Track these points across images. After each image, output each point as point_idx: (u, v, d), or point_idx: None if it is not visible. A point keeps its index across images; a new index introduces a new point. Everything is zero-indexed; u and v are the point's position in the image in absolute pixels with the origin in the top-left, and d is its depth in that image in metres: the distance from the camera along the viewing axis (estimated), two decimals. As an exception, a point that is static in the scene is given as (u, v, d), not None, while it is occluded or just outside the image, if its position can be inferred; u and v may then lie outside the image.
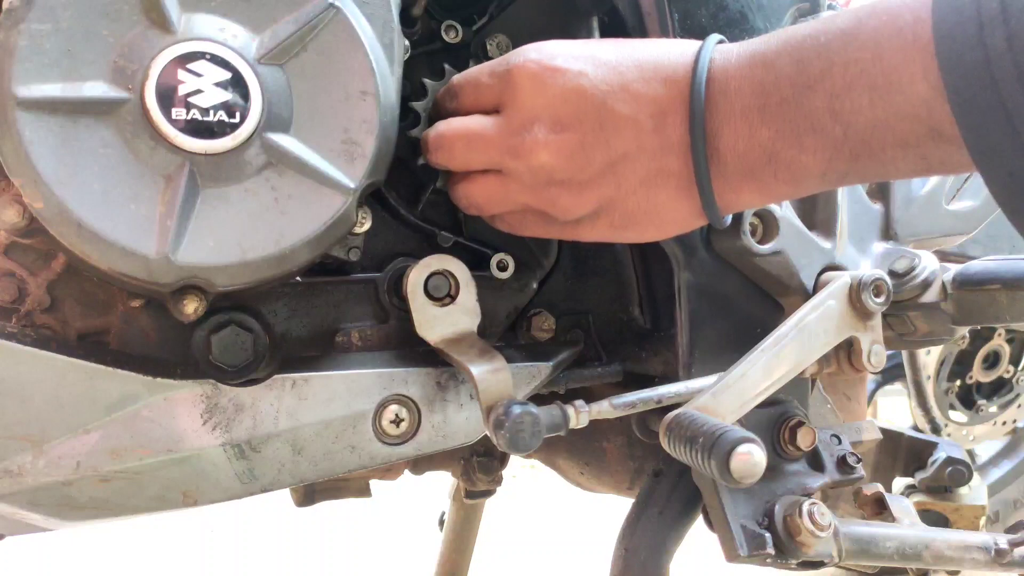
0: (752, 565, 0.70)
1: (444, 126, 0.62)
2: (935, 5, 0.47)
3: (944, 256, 0.87)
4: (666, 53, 0.57)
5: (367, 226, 0.62)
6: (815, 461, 0.73)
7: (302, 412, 0.61)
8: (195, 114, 0.51)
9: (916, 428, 1.45)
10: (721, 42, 0.58)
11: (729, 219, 0.65)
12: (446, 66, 0.69)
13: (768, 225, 0.68)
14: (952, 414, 1.47)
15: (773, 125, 0.53)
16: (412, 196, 0.71)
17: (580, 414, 0.59)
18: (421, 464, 1.00)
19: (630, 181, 0.57)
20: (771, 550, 0.66)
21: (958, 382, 1.46)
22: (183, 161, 0.52)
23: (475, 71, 0.63)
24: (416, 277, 0.63)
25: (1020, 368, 1.48)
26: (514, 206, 0.62)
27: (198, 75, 0.51)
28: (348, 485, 0.98)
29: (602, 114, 0.56)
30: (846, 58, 0.50)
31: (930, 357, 1.43)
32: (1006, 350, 1.46)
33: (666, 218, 0.59)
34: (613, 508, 0.99)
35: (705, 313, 0.70)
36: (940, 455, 0.96)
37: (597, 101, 0.56)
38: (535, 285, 0.74)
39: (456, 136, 0.61)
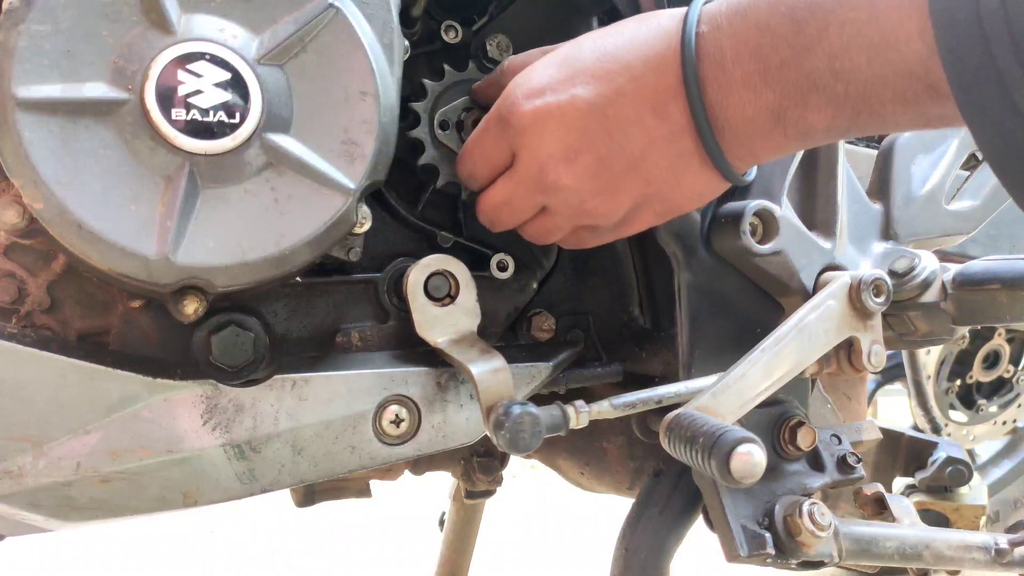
0: (752, 565, 0.69)
1: (485, 204, 0.65)
2: None
3: (944, 256, 0.87)
4: (650, 39, 0.57)
5: (367, 226, 0.62)
6: (815, 461, 0.73)
7: (302, 412, 0.61)
8: (195, 115, 0.51)
9: (916, 428, 1.45)
10: (706, 2, 0.57)
11: (753, 171, 0.66)
12: (446, 66, 0.69)
13: (768, 225, 0.68)
14: (952, 414, 1.47)
15: (777, 87, 0.53)
16: (412, 196, 0.71)
17: (580, 414, 0.59)
18: (421, 464, 1.00)
19: (656, 172, 0.58)
20: (771, 550, 0.66)
21: (958, 382, 1.47)
22: (183, 162, 0.51)
23: (474, 139, 0.64)
24: (416, 277, 0.63)
25: (1020, 368, 1.49)
26: (567, 231, 0.65)
27: (198, 76, 0.51)
28: (348, 485, 0.98)
29: (606, 125, 0.57)
30: (842, 18, 0.50)
31: (930, 357, 1.43)
32: (1006, 350, 1.46)
33: (698, 190, 0.61)
34: (613, 508, 0.99)
35: (705, 313, 0.70)
36: (940, 455, 0.96)
37: (598, 115, 0.57)
38: (535, 285, 0.74)
39: (499, 207, 0.64)
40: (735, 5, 0.55)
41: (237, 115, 0.52)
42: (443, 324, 0.63)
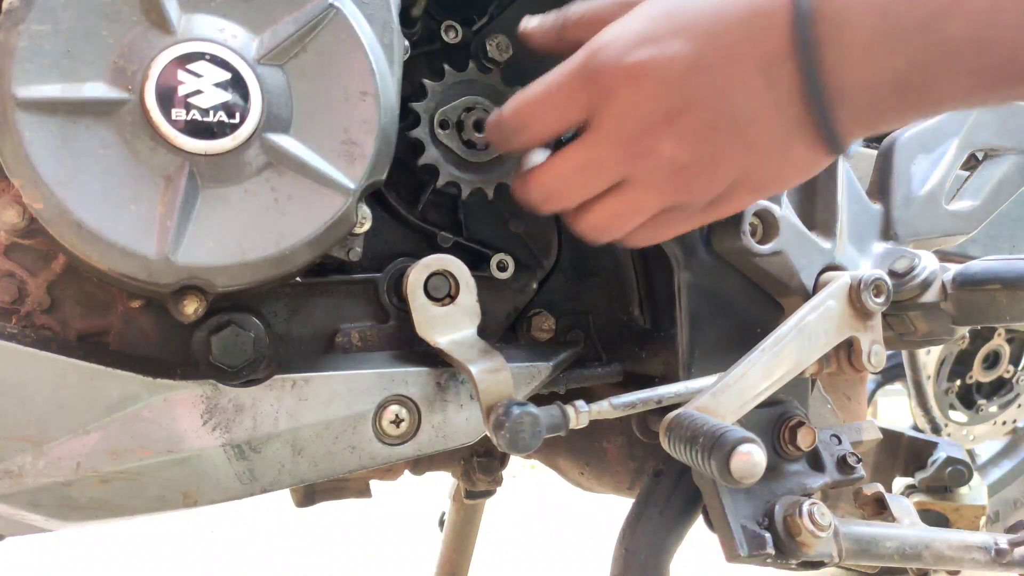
0: (752, 565, 0.70)
1: (548, 172, 0.57)
2: None
3: (944, 256, 0.87)
4: None
5: (367, 226, 0.62)
6: (815, 461, 0.73)
7: (302, 413, 0.61)
8: (195, 115, 0.51)
9: (916, 428, 1.45)
10: None
11: (856, 145, 0.61)
12: (446, 66, 0.69)
13: (768, 225, 0.68)
14: (952, 414, 1.47)
15: (905, 54, 0.47)
16: (412, 196, 0.71)
17: (580, 414, 0.59)
18: (421, 464, 1.00)
19: (762, 142, 0.53)
20: (771, 550, 0.66)
21: (958, 382, 1.47)
22: (183, 162, 0.51)
23: (543, 90, 0.56)
24: (416, 277, 0.63)
25: (1020, 368, 1.49)
26: (646, 215, 0.58)
27: (198, 76, 0.51)
28: (348, 485, 0.98)
29: (711, 85, 0.51)
30: None
31: (930, 357, 1.43)
32: (1006, 350, 1.46)
33: (804, 164, 0.56)
34: (613, 508, 0.99)
35: (705, 313, 0.70)
36: (940, 455, 0.96)
37: (702, 75, 0.51)
38: (535, 285, 0.74)
39: (570, 174, 0.56)
40: None
41: (237, 115, 0.52)
42: (443, 324, 0.63)
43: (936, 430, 1.45)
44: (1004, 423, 1.50)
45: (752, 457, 0.50)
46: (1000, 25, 0.45)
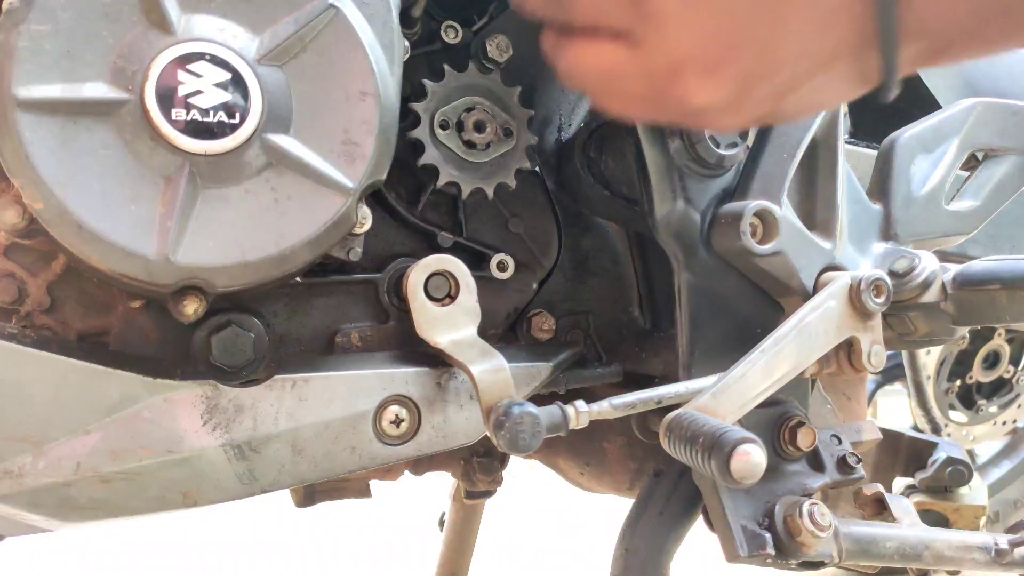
0: (752, 565, 0.69)
1: (573, 56, 0.52)
2: None
3: (944, 256, 0.87)
4: None
5: (367, 226, 0.62)
6: (815, 461, 0.73)
7: (302, 413, 0.61)
8: (195, 115, 0.51)
9: (916, 428, 1.45)
10: None
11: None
12: (446, 66, 0.69)
13: (768, 225, 0.68)
14: (952, 414, 1.47)
15: (968, 4, 0.46)
16: (412, 196, 0.71)
17: (580, 414, 0.59)
18: (421, 464, 1.00)
19: (796, 92, 0.50)
20: (771, 550, 0.66)
21: (958, 382, 1.47)
22: (183, 162, 0.52)
23: None
24: (416, 277, 0.62)
25: (1020, 368, 1.49)
26: (664, 120, 0.55)
27: (198, 76, 0.51)
28: (348, 486, 0.98)
29: (760, 35, 0.47)
30: None
31: (930, 357, 1.43)
32: (1006, 350, 1.46)
33: (827, 102, 0.54)
34: (613, 508, 0.99)
35: (705, 313, 0.70)
36: (940, 455, 0.96)
37: (750, 21, 0.47)
38: (535, 285, 0.75)
39: (589, 71, 0.52)
40: None
41: (237, 115, 0.52)
42: (443, 324, 0.63)
43: (936, 430, 1.45)
44: (1004, 423, 1.50)
45: (752, 457, 0.50)
46: None
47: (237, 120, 0.52)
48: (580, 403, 0.59)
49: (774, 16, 0.47)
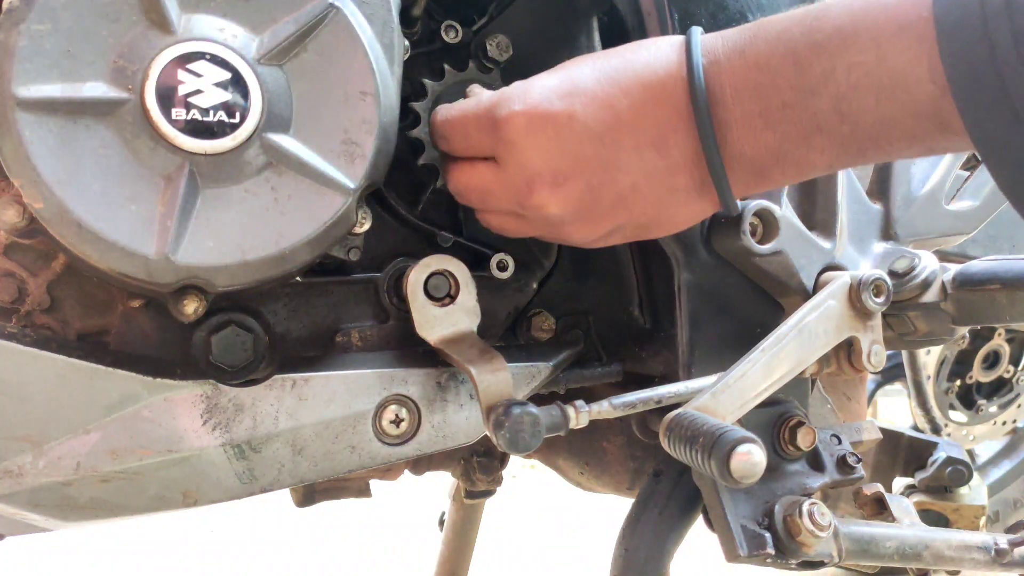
0: (752, 565, 0.69)
1: (456, 178, 0.62)
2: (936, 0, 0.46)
3: (944, 256, 0.87)
4: (651, 64, 0.55)
5: (367, 226, 0.62)
6: (815, 461, 0.73)
7: (302, 412, 0.61)
8: (195, 114, 0.51)
9: (916, 428, 1.45)
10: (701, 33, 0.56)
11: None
12: (446, 66, 0.69)
13: (768, 225, 0.68)
14: (952, 414, 1.47)
15: (778, 128, 0.52)
16: (412, 196, 0.71)
17: (580, 414, 0.59)
18: (421, 464, 1.00)
19: (643, 205, 0.57)
20: (771, 550, 0.66)
21: (958, 382, 1.47)
22: (183, 161, 0.52)
23: (460, 118, 0.61)
24: (416, 277, 0.62)
25: (1020, 368, 1.49)
26: (536, 235, 0.64)
27: (198, 75, 0.51)
28: (348, 485, 0.98)
29: (602, 154, 0.55)
30: (848, 61, 0.49)
31: (930, 357, 1.43)
32: (1006, 350, 1.46)
33: (680, 221, 0.60)
34: (613, 508, 0.99)
35: (705, 313, 0.70)
36: (940, 455, 0.96)
37: (594, 141, 0.54)
38: (535, 285, 0.74)
39: (469, 190, 0.62)
40: (733, 41, 0.53)
41: (237, 115, 0.52)
42: (443, 324, 0.63)
43: (936, 430, 1.45)
44: (1004, 423, 1.50)
45: (752, 457, 0.50)
46: (860, 100, 0.49)
47: (237, 119, 0.52)
48: (580, 403, 0.59)
49: (612, 137, 0.54)
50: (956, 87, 0.45)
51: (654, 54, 0.56)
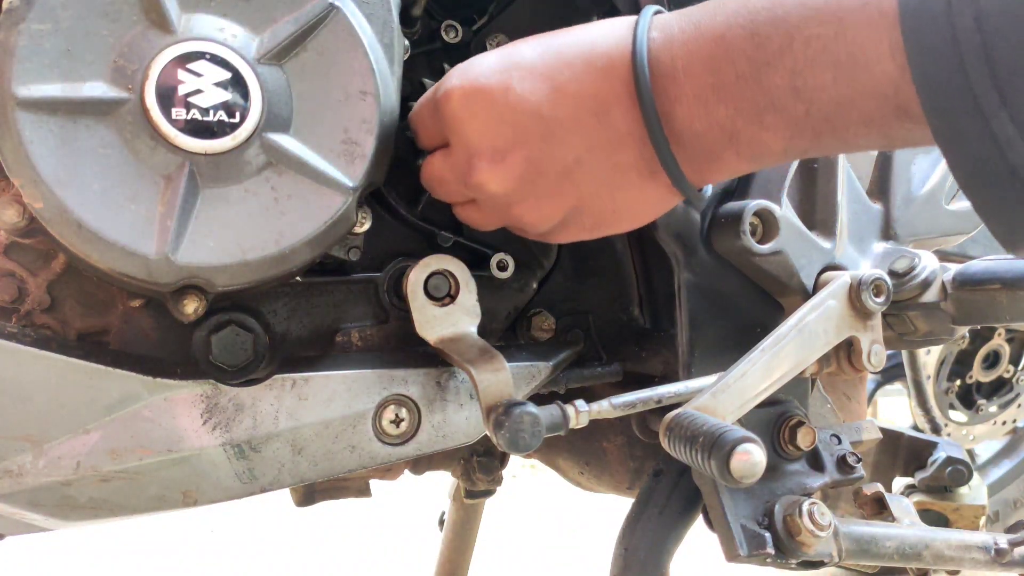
0: (752, 565, 0.69)
1: (424, 172, 0.62)
2: None
3: (944, 256, 0.87)
4: (597, 41, 0.54)
5: (367, 226, 0.62)
6: (815, 461, 0.73)
7: (302, 412, 0.61)
8: (195, 114, 0.51)
9: (916, 428, 1.45)
10: (658, 12, 0.54)
11: (708, 189, 0.63)
12: (446, 66, 0.69)
13: (768, 225, 0.68)
14: (952, 414, 1.47)
15: (731, 103, 0.50)
16: (412, 196, 0.71)
17: (580, 414, 0.59)
18: (421, 464, 1.00)
19: (590, 183, 0.55)
20: (771, 550, 0.66)
21: (958, 382, 1.47)
22: (183, 161, 0.52)
23: (417, 108, 0.61)
24: (416, 277, 0.62)
25: (1020, 368, 1.49)
26: (498, 224, 0.62)
27: (198, 75, 0.51)
28: (348, 485, 0.98)
29: (540, 126, 0.53)
30: (807, 33, 0.47)
31: (930, 357, 1.43)
32: (1006, 350, 1.46)
33: (638, 209, 0.58)
34: (613, 508, 0.99)
35: (705, 313, 0.70)
36: (940, 455, 0.96)
37: (531, 113, 0.53)
38: (535, 285, 0.74)
39: (431, 181, 0.61)
40: (689, 15, 0.52)
41: (237, 114, 0.52)
42: (443, 324, 0.63)
43: (936, 430, 1.45)
44: (1004, 423, 1.50)
45: (752, 457, 0.50)
46: (816, 77, 0.47)
47: (237, 119, 0.52)
48: (580, 402, 0.59)
49: (551, 109, 0.53)
50: (916, 69, 0.44)
51: (606, 30, 0.54)
